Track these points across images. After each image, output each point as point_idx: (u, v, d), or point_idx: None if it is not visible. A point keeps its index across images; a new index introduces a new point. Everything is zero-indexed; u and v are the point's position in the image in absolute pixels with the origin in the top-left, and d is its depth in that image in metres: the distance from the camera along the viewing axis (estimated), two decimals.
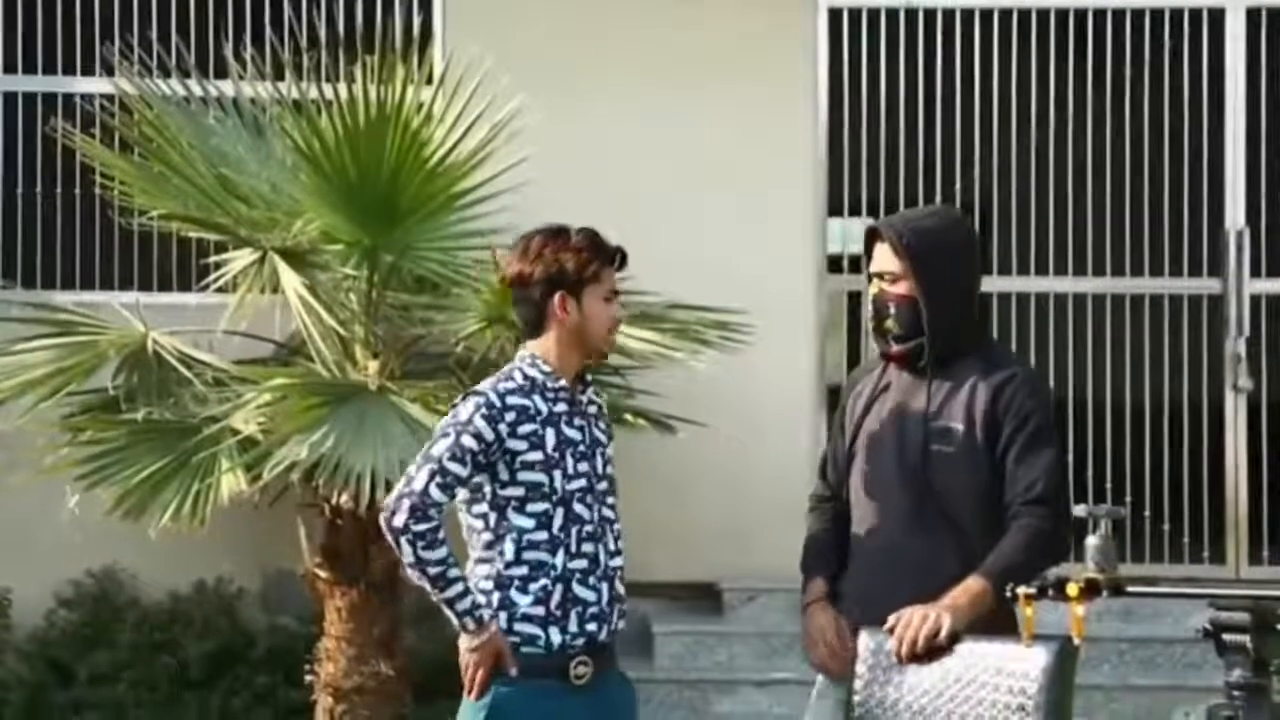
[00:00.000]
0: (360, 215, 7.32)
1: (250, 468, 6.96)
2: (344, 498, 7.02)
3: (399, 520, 4.43)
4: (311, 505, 7.44)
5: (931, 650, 4.23)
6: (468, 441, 4.45)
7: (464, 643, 4.49)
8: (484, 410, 4.48)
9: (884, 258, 4.61)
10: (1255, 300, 8.83)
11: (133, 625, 8.32)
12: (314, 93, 7.39)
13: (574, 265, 4.54)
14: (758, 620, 8.21)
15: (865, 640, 4.35)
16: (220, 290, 7.62)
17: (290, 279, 7.21)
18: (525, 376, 4.57)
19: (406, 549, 4.42)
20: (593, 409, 4.67)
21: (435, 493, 4.43)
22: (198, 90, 7.81)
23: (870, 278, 4.67)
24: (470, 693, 4.50)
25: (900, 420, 4.57)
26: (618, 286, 4.67)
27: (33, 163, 8.73)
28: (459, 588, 4.44)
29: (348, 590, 7.38)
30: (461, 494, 4.50)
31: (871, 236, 4.67)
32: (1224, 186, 8.81)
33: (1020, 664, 4.13)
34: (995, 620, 4.33)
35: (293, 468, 6.86)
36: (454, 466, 4.44)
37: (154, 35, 8.35)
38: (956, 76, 8.83)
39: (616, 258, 4.64)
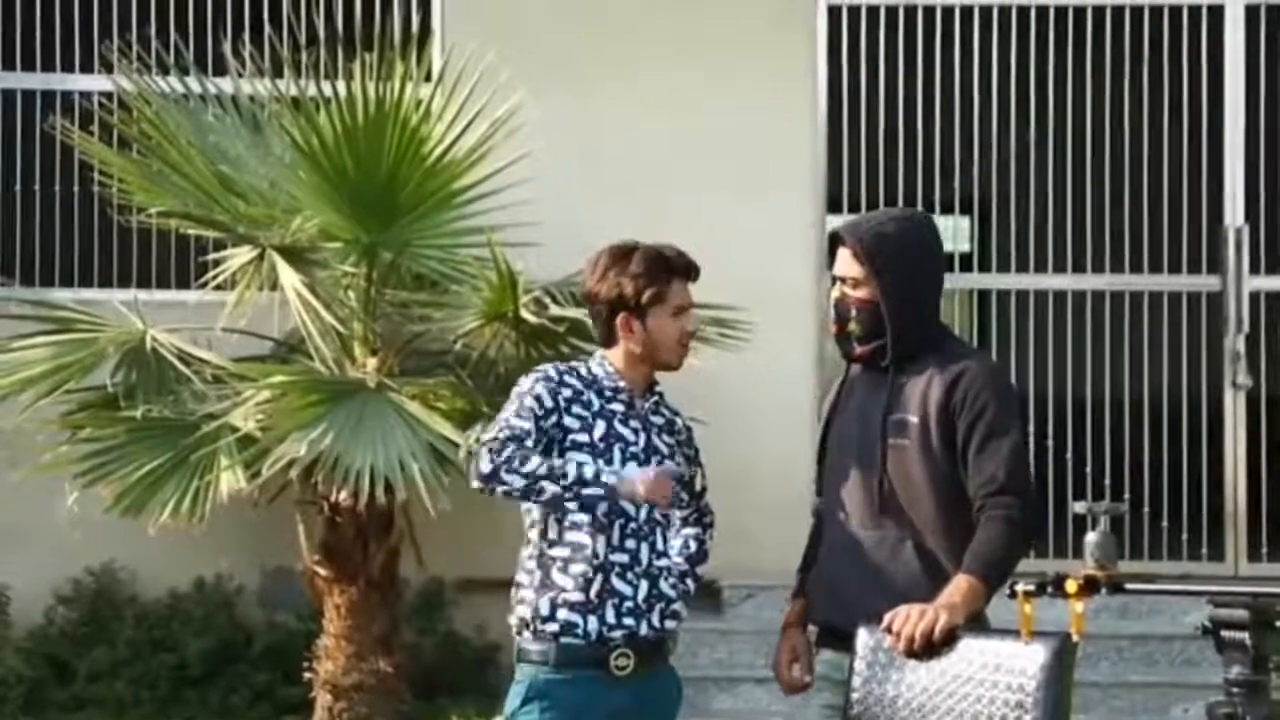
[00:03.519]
0: (359, 212, 7.33)
1: (249, 465, 6.96)
2: (343, 495, 7.03)
3: (484, 466, 4.49)
4: (310, 502, 7.45)
5: (930, 647, 4.23)
6: (529, 403, 4.56)
7: (625, 495, 4.52)
8: (543, 381, 4.61)
9: (845, 262, 4.64)
10: (1254, 297, 8.81)
11: (132, 622, 8.32)
12: (313, 90, 7.39)
13: (633, 290, 4.61)
14: (757, 617, 8.19)
15: (864, 638, 4.35)
16: (219, 288, 7.63)
17: (289, 276, 7.22)
18: (589, 371, 4.68)
19: (508, 479, 4.47)
20: (659, 420, 4.72)
21: (505, 435, 4.51)
22: (196, 87, 7.81)
23: (834, 281, 4.69)
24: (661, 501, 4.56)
25: (863, 417, 4.61)
26: (690, 300, 4.69)
27: (31, 160, 8.72)
28: (572, 469, 4.49)
29: (346, 587, 7.39)
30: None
31: (834, 241, 4.69)
32: (1223, 183, 8.80)
33: (1019, 661, 4.12)
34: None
35: (291, 465, 6.87)
36: (520, 421, 4.53)
37: (153, 32, 8.33)
38: (955, 73, 8.81)
39: (688, 272, 4.68)
